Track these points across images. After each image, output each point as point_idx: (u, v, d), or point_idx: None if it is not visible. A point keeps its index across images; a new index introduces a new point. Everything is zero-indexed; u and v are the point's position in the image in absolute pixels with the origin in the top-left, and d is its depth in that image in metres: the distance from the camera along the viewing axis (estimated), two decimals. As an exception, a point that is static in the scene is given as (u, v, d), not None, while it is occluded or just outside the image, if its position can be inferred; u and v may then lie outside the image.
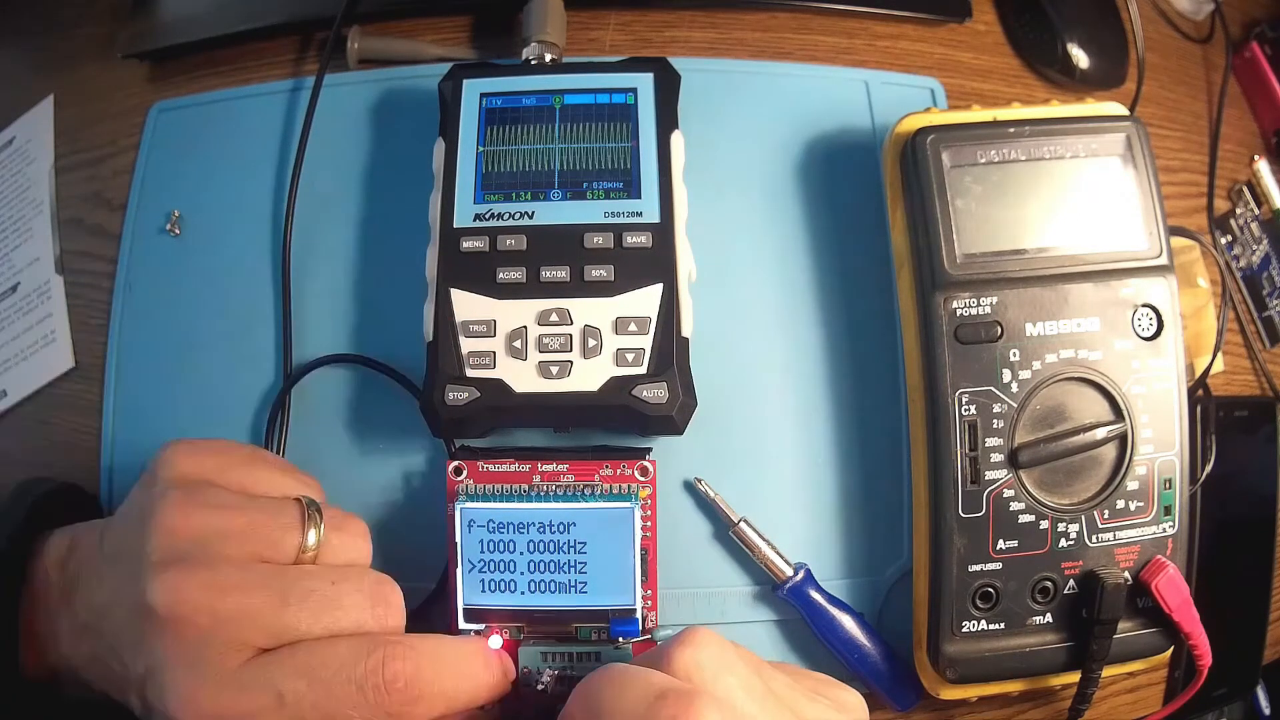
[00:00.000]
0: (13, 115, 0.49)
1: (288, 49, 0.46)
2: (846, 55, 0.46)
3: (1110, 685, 0.40)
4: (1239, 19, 0.52)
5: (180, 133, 0.45)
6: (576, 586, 0.34)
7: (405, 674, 0.27)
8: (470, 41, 0.46)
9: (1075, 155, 0.37)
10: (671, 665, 0.26)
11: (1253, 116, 0.51)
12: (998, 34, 0.48)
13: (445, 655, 0.29)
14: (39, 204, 0.46)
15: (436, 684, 0.28)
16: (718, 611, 0.38)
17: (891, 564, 0.39)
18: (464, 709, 0.30)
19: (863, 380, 0.40)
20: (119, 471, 0.40)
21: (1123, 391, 0.35)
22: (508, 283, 0.35)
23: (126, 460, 0.40)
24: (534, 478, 0.36)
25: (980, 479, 0.35)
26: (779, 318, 0.41)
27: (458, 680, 0.29)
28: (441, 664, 0.29)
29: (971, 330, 0.35)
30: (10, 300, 0.45)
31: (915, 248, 0.37)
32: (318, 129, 0.42)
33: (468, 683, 0.30)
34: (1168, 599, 0.34)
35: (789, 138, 0.43)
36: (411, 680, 0.27)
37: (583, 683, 0.27)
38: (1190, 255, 0.45)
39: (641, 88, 0.38)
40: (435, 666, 0.28)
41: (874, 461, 0.39)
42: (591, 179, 0.37)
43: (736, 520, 0.37)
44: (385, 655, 0.27)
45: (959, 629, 0.35)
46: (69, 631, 0.30)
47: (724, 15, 0.46)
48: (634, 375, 0.34)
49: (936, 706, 0.38)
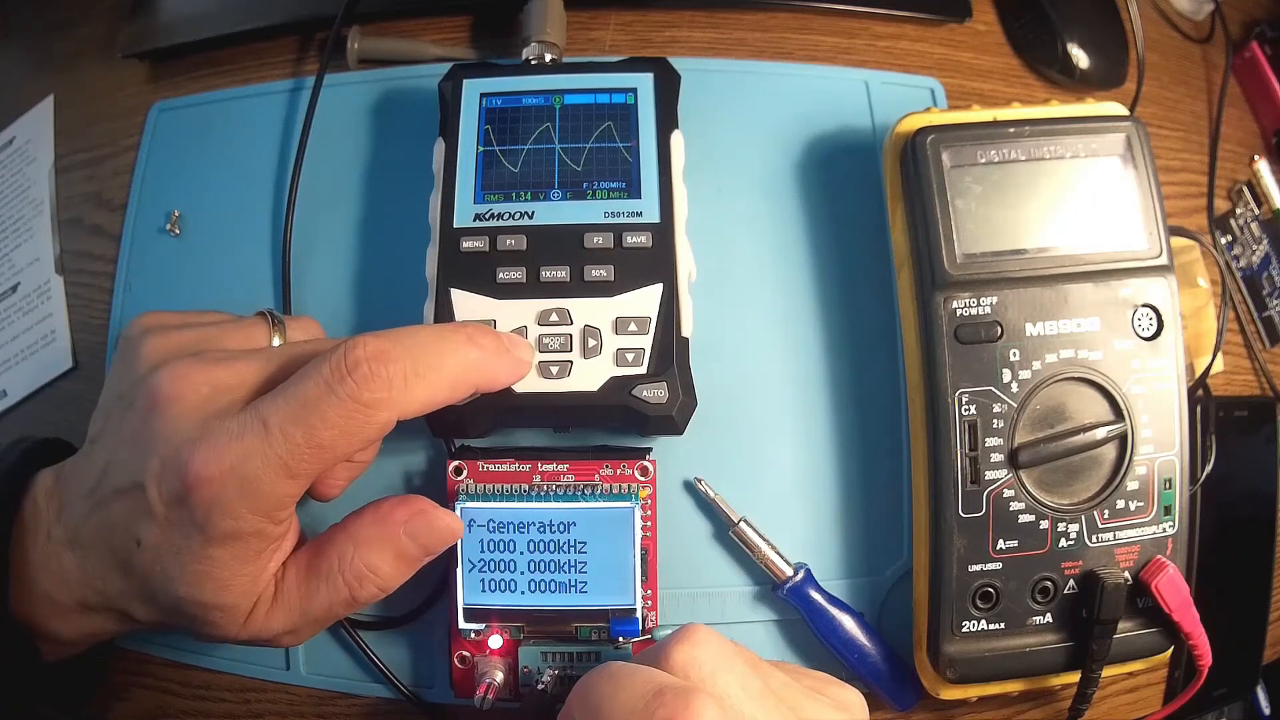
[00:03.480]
0: (13, 115, 0.49)
1: (288, 49, 0.46)
2: (847, 55, 0.46)
3: (1110, 685, 0.40)
4: (1239, 19, 0.52)
5: (180, 133, 0.45)
6: (576, 586, 0.34)
7: (369, 356, 0.27)
8: (470, 41, 0.46)
9: (1075, 155, 0.37)
10: (670, 663, 0.26)
11: (1253, 116, 0.51)
12: (998, 34, 0.48)
13: (416, 335, 0.29)
14: (39, 204, 0.46)
15: (408, 361, 0.28)
16: (718, 611, 0.38)
17: (891, 564, 0.39)
18: (454, 390, 0.29)
19: (863, 380, 0.40)
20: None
21: (1123, 391, 0.35)
22: (508, 283, 0.35)
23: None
24: (534, 478, 0.36)
25: (980, 479, 0.35)
26: (779, 318, 0.41)
27: (435, 356, 0.29)
28: (411, 343, 0.28)
29: (971, 330, 0.35)
30: (10, 300, 0.45)
31: (915, 248, 0.37)
32: (318, 129, 0.42)
33: (450, 358, 0.29)
34: (1168, 599, 0.34)
35: (789, 138, 0.43)
36: (376, 360, 0.27)
37: (581, 680, 0.26)
38: (1190, 255, 0.45)
39: (641, 88, 0.38)
40: (402, 346, 0.28)
41: (874, 461, 0.39)
42: (591, 179, 0.37)
43: (736, 520, 0.37)
44: (346, 346, 0.27)
45: (959, 629, 0.35)
46: (61, 550, 0.30)
47: (724, 15, 0.46)
48: (634, 375, 0.34)
49: (936, 706, 0.38)
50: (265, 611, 0.30)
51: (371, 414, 0.27)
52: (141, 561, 0.28)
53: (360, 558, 0.30)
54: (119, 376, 0.32)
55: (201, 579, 0.28)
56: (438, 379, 0.29)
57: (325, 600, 0.30)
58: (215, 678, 0.39)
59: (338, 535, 0.31)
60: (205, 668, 0.39)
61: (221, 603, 0.29)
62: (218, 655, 0.39)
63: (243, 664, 0.39)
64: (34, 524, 0.31)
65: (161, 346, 0.31)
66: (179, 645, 0.39)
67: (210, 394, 0.28)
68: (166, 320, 0.34)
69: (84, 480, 0.30)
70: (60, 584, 0.30)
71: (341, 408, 0.27)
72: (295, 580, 0.30)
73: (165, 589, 0.28)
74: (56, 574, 0.30)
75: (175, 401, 0.28)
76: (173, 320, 0.34)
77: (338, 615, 0.31)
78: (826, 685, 0.29)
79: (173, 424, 0.28)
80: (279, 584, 0.30)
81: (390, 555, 0.30)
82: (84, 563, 0.30)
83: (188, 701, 0.39)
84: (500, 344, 0.31)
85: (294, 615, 0.30)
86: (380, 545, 0.30)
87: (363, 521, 0.31)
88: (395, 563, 0.31)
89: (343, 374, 0.27)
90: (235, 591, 0.29)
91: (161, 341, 0.32)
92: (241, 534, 0.28)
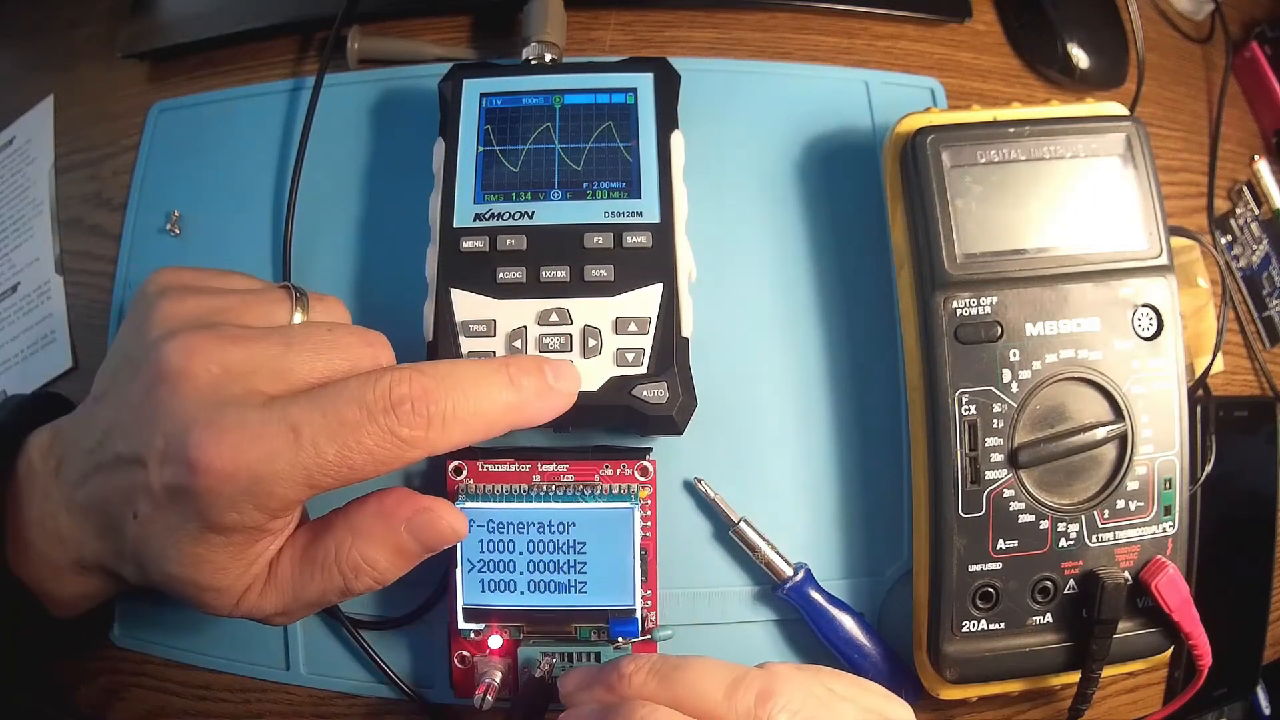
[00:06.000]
0: (13, 115, 0.49)
1: (288, 49, 0.46)
2: (847, 55, 0.46)
3: (1110, 685, 0.40)
4: (1239, 19, 0.52)
5: (180, 133, 0.45)
6: (576, 586, 0.34)
7: (413, 395, 0.27)
8: (470, 41, 0.46)
9: (1075, 155, 0.37)
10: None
11: (1253, 116, 0.51)
12: (998, 34, 0.48)
13: (458, 376, 0.28)
14: (39, 204, 0.46)
15: (448, 404, 0.28)
16: (718, 611, 0.38)
17: (891, 564, 0.39)
18: (490, 431, 0.29)
19: (863, 380, 0.40)
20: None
21: (1123, 391, 0.35)
22: (508, 283, 0.35)
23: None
24: (534, 478, 0.36)
25: (980, 479, 0.35)
26: (779, 317, 0.41)
27: (474, 401, 0.28)
28: (453, 384, 0.28)
29: (971, 330, 0.35)
30: (10, 300, 0.45)
31: (915, 248, 0.37)
32: (318, 129, 0.42)
33: (487, 403, 0.29)
34: (1168, 599, 0.34)
35: (789, 138, 0.43)
36: (420, 400, 0.27)
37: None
38: (1190, 255, 0.45)
39: (641, 88, 0.38)
40: (445, 387, 0.28)
41: (874, 461, 0.39)
42: (591, 179, 0.37)
43: (736, 520, 0.37)
44: (392, 379, 0.27)
45: (959, 629, 0.35)
46: (58, 509, 0.30)
47: (724, 15, 0.46)
48: (634, 375, 0.34)
49: (936, 706, 0.38)
50: (258, 592, 0.30)
51: (405, 450, 0.27)
52: (136, 533, 0.28)
53: (358, 549, 0.30)
54: (129, 337, 0.31)
55: (197, 561, 0.28)
56: (475, 423, 0.29)
57: (319, 587, 0.30)
58: (215, 678, 0.39)
59: (337, 523, 0.31)
60: (205, 668, 0.39)
61: (215, 585, 0.29)
62: (218, 655, 0.39)
63: (243, 664, 0.39)
64: (29, 483, 0.30)
65: (176, 312, 0.30)
66: (179, 645, 0.39)
67: (221, 375, 0.27)
68: (185, 280, 0.32)
69: (84, 439, 0.30)
70: (56, 543, 0.30)
71: (379, 438, 0.27)
72: (291, 563, 0.30)
73: (159, 565, 0.28)
74: (52, 533, 0.30)
75: (184, 378, 0.27)
76: (191, 280, 0.32)
77: (331, 602, 0.31)
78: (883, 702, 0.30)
79: (180, 403, 0.27)
80: (274, 566, 0.30)
81: (389, 550, 0.30)
82: (80, 524, 0.30)
83: (188, 701, 0.39)
84: (542, 384, 0.30)
85: (286, 598, 0.30)
86: (380, 539, 0.30)
87: (365, 512, 0.30)
88: (393, 557, 0.30)
89: (387, 406, 0.27)
90: (229, 575, 0.29)
91: (177, 305, 0.30)
92: (243, 527, 0.27)
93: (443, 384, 0.28)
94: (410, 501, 0.31)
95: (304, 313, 0.32)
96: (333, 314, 0.33)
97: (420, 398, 0.27)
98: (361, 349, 0.30)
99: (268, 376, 0.28)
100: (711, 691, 0.27)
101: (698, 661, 0.28)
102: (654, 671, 0.28)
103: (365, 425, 0.27)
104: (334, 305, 0.34)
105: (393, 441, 0.27)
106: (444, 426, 0.28)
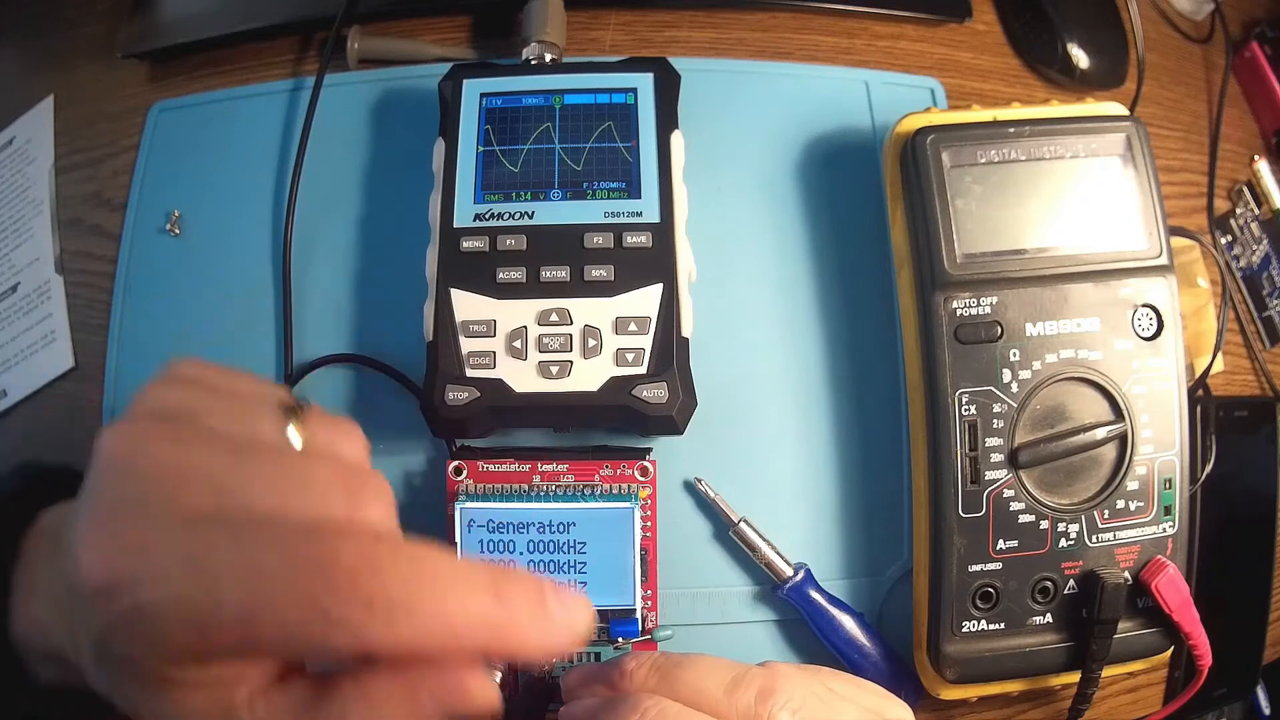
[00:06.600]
0: (13, 115, 0.49)
1: (288, 49, 0.46)
2: (847, 55, 0.46)
3: (1110, 685, 0.40)
4: (1239, 19, 0.52)
5: (180, 133, 0.45)
6: (576, 586, 0.34)
7: (359, 565, 0.20)
8: (470, 41, 0.46)
9: (1075, 155, 0.37)
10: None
11: (1253, 116, 0.51)
12: (998, 34, 0.48)
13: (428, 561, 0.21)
14: (39, 204, 0.46)
15: (402, 590, 0.20)
16: (718, 611, 0.38)
17: (891, 564, 0.39)
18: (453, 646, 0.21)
19: (863, 380, 0.40)
20: (119, 471, 0.40)
21: (1123, 391, 0.35)
22: (508, 283, 0.35)
23: (126, 460, 0.40)
24: (534, 478, 0.36)
25: (980, 479, 0.35)
26: (779, 318, 0.41)
27: (438, 599, 0.21)
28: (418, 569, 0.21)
29: (971, 330, 0.35)
30: (10, 300, 0.45)
31: (915, 248, 0.37)
32: (318, 129, 0.42)
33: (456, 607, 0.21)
34: (1168, 599, 0.34)
35: (789, 138, 0.43)
36: (366, 574, 0.20)
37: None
38: (1190, 255, 0.45)
39: (641, 88, 0.38)
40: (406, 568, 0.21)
41: (874, 462, 0.39)
42: (591, 179, 0.37)
43: (736, 520, 0.37)
44: (346, 542, 0.20)
45: (959, 629, 0.35)
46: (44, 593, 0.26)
47: (724, 15, 0.46)
48: (634, 375, 0.34)
49: (936, 706, 0.38)
50: None
51: (330, 634, 0.20)
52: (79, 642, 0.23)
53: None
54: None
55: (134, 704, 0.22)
56: (432, 626, 0.21)
57: None
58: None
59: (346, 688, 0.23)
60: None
61: None
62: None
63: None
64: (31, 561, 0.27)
65: (156, 398, 0.25)
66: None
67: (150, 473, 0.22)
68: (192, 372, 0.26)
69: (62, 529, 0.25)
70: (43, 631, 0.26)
71: (298, 607, 0.20)
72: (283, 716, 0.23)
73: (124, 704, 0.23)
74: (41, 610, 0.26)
75: (111, 468, 0.22)
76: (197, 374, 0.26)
77: None
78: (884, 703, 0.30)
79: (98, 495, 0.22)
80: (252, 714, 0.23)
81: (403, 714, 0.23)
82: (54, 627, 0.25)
83: None
84: (537, 603, 0.22)
85: None
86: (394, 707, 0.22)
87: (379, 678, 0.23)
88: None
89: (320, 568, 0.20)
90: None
91: (161, 392, 0.25)
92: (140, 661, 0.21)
93: (404, 563, 0.21)
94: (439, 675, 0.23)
95: (299, 427, 0.25)
96: (337, 441, 0.26)
97: (368, 571, 0.20)
98: (337, 494, 0.23)
99: (199, 489, 0.22)
100: (712, 688, 0.27)
101: (699, 659, 0.28)
102: (655, 668, 0.28)
103: (285, 583, 0.20)
104: (342, 430, 0.26)
105: (315, 617, 0.20)
106: (389, 619, 0.20)
